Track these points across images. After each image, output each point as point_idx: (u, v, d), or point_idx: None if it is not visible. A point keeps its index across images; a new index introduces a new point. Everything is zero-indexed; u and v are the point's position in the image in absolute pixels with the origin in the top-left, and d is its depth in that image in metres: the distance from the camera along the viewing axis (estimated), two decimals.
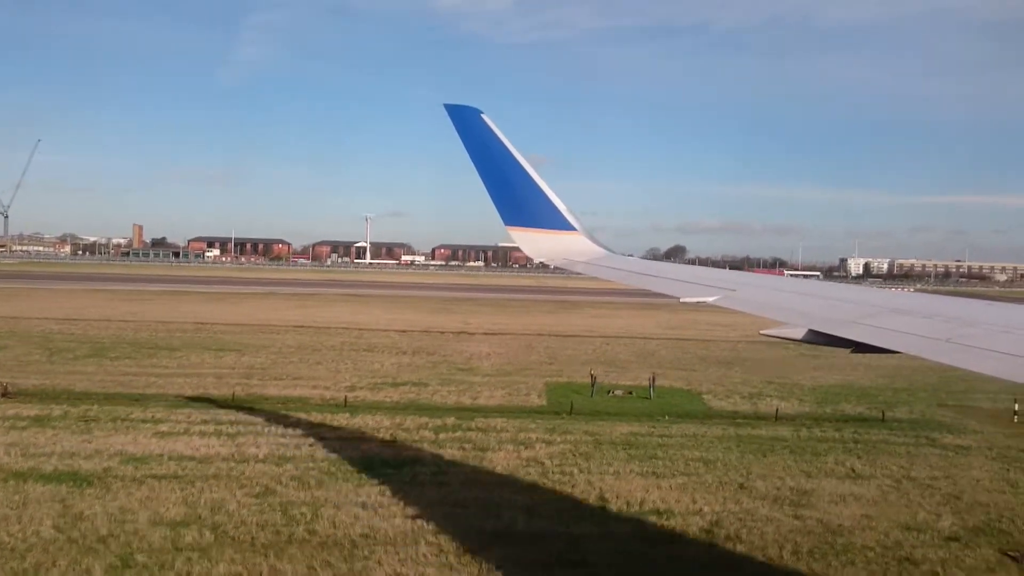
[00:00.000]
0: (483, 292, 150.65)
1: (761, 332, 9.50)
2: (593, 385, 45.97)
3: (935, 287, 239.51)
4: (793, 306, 10.30)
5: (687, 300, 11.52)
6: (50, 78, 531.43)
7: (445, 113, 15.01)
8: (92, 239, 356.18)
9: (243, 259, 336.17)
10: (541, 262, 15.41)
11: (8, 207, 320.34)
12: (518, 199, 14.82)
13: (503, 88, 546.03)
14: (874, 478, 29.47)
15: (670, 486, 27.54)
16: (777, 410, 40.69)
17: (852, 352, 8.65)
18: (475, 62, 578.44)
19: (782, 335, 9.26)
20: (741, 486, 27.82)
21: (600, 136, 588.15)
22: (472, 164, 14.91)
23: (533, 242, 14.97)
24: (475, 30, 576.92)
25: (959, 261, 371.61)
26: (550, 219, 14.83)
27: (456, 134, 14.96)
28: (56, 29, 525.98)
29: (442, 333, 74.99)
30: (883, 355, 8.36)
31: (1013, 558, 22.01)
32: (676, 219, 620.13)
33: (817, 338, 8.83)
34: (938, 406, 44.53)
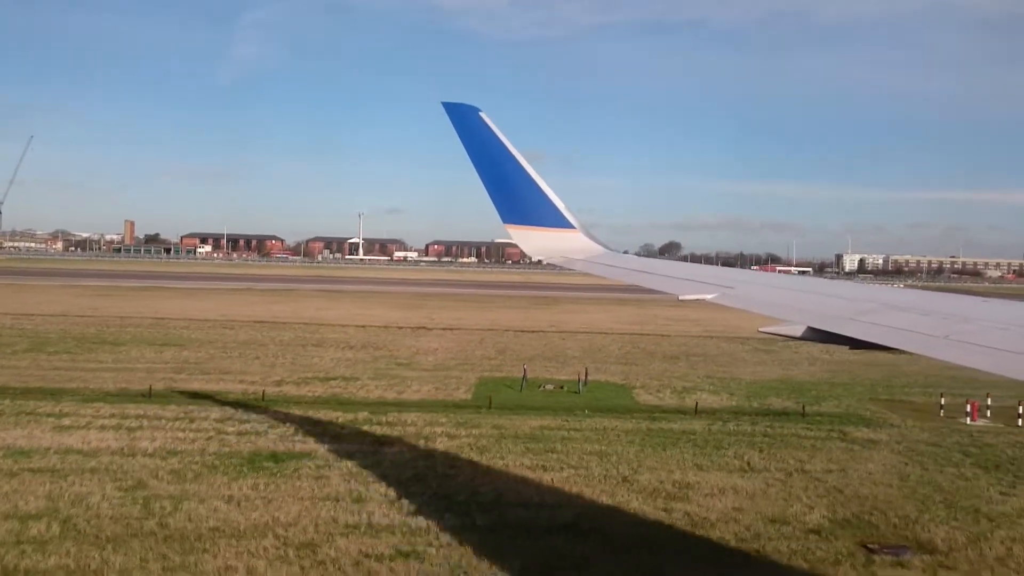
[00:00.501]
0: (465, 288, 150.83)
1: (760, 329, 9.51)
2: (523, 379, 45.91)
3: (925, 283, 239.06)
4: (792, 303, 10.30)
5: (685, 298, 11.53)
6: (44, 74, 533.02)
7: (442, 110, 14.96)
8: (84, 235, 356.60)
9: (235, 255, 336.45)
10: (539, 259, 15.44)
11: (1, 203, 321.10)
12: (516, 197, 14.82)
13: (500, 84, 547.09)
14: (766, 471, 29.31)
15: (552, 479, 27.41)
16: (697, 404, 40.52)
17: (851, 349, 8.68)
18: (472, 58, 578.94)
19: (780, 332, 9.28)
20: (624, 479, 27.67)
21: (598, 132, 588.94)
22: (470, 162, 14.87)
23: (531, 240, 15.05)
24: (472, 26, 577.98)
25: (953, 257, 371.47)
26: (548, 217, 14.84)
27: (454, 132, 14.91)
28: (51, 25, 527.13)
29: (400, 328, 74.91)
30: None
31: (870, 549, 21.91)
32: (672, 215, 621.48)
33: (815, 335, 8.82)
34: (869, 400, 44.41)
